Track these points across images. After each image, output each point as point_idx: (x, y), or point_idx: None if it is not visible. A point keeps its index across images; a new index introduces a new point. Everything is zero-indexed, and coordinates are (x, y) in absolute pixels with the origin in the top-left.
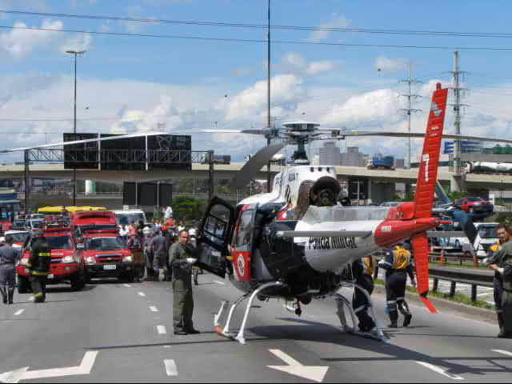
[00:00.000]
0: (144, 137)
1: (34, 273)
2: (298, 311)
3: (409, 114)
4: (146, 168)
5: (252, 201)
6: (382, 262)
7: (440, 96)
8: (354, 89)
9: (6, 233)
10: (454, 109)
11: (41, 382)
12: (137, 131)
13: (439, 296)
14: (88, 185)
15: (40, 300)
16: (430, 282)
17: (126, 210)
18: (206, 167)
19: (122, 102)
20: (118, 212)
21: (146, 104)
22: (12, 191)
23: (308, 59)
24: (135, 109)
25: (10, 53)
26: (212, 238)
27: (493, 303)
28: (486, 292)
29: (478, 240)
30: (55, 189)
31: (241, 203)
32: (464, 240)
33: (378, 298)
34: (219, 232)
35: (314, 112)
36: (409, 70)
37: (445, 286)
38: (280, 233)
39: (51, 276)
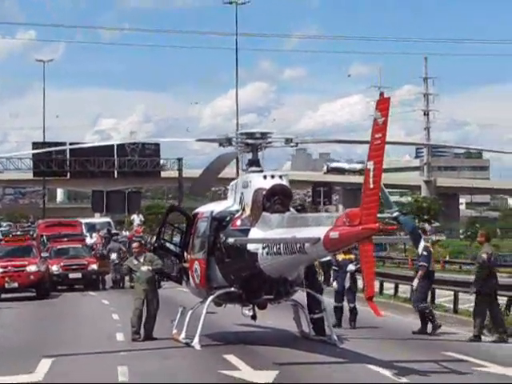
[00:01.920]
0: (113, 145)
1: None
2: (254, 317)
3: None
4: (116, 176)
5: (207, 208)
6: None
7: (383, 105)
8: (327, 95)
9: None
10: (424, 114)
11: None
12: (111, 139)
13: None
14: (60, 193)
15: None
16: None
17: (94, 218)
18: (176, 174)
19: (96, 110)
20: (86, 220)
21: (120, 112)
22: None
23: (281, 66)
24: (109, 117)
25: None
26: (169, 246)
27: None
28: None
29: (422, 244)
30: (26, 197)
31: (196, 211)
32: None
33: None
34: (176, 239)
35: (287, 118)
36: (379, 76)
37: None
38: (231, 240)
39: (15, 285)
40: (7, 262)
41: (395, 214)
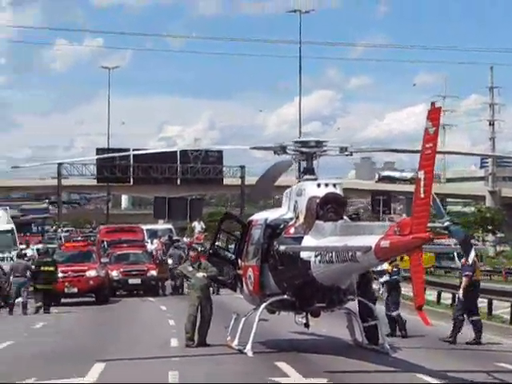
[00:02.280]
0: (176, 151)
1: (37, 286)
2: (307, 325)
3: (443, 128)
4: (178, 183)
5: (262, 216)
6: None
7: (434, 115)
8: (393, 104)
9: (35, 247)
10: (490, 124)
11: None
12: (175, 146)
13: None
14: (124, 199)
15: (37, 311)
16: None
17: (156, 225)
18: (238, 182)
19: (162, 118)
20: (147, 226)
21: (186, 119)
22: (44, 205)
23: (347, 74)
24: (175, 124)
25: (51, 68)
26: (224, 253)
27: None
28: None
29: (473, 255)
30: (92, 203)
31: (251, 218)
32: None
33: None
34: (231, 247)
35: (352, 127)
36: (444, 85)
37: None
38: (282, 247)
39: (75, 290)
40: (67, 267)
41: (446, 224)
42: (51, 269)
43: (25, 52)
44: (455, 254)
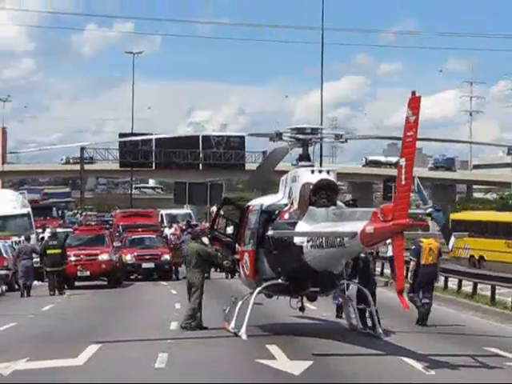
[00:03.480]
0: (198, 137)
1: (47, 269)
2: (302, 308)
3: (470, 115)
4: (200, 168)
5: (258, 201)
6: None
7: (414, 103)
8: (422, 90)
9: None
10: None
11: (32, 372)
12: (204, 131)
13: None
14: (151, 184)
15: (52, 294)
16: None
17: (176, 210)
18: None
19: (191, 103)
20: (166, 211)
21: (214, 104)
22: (67, 190)
23: (377, 60)
24: (204, 109)
25: (81, 53)
26: (223, 238)
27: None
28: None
29: (453, 241)
30: (119, 188)
31: (248, 204)
32: None
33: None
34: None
35: (381, 112)
36: (472, 71)
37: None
38: (272, 232)
39: (87, 273)
40: (80, 251)
41: (429, 211)
42: (57, 251)
43: (56, 37)
44: None
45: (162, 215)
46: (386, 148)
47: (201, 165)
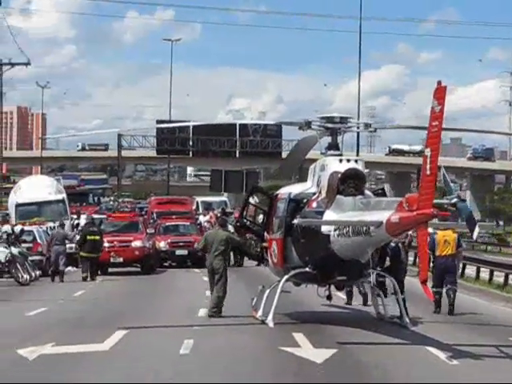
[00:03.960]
0: (235, 124)
1: (82, 254)
2: (329, 297)
3: (510, 105)
4: (237, 155)
5: (287, 190)
6: None
7: (440, 93)
8: (462, 79)
9: (85, 216)
10: None
11: (56, 357)
12: (243, 119)
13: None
14: (190, 171)
15: (85, 279)
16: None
17: (211, 197)
18: None
19: (230, 91)
20: (202, 199)
21: (253, 92)
22: (104, 176)
23: (417, 49)
24: (243, 97)
25: (122, 40)
26: (252, 226)
27: None
28: None
29: (477, 231)
30: (158, 175)
31: (277, 192)
32: None
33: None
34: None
35: (420, 102)
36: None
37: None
38: (296, 220)
39: (120, 259)
40: (113, 237)
41: (454, 201)
42: (97, 238)
43: (97, 24)
44: None
45: (197, 202)
46: (423, 138)
47: (237, 152)
